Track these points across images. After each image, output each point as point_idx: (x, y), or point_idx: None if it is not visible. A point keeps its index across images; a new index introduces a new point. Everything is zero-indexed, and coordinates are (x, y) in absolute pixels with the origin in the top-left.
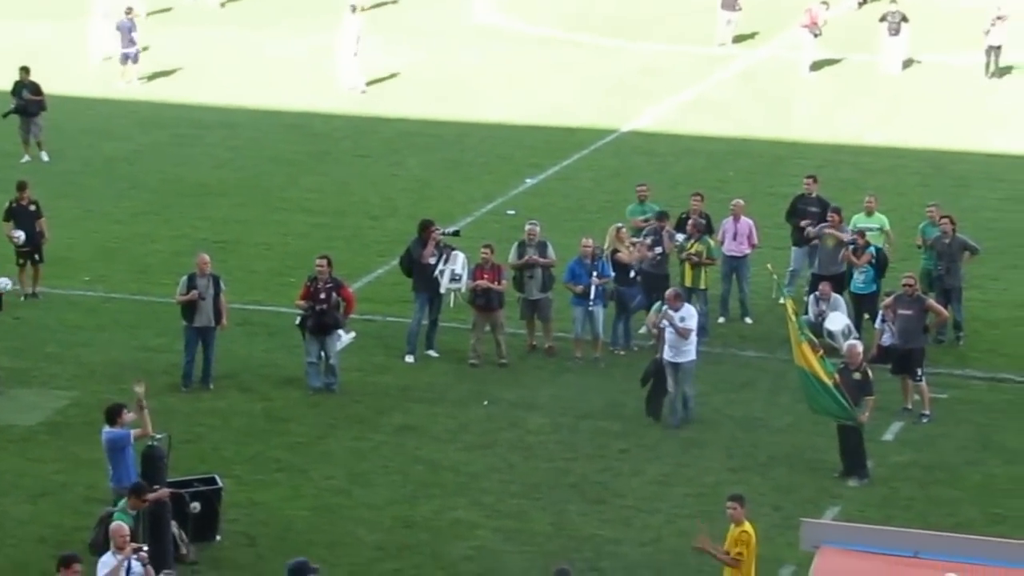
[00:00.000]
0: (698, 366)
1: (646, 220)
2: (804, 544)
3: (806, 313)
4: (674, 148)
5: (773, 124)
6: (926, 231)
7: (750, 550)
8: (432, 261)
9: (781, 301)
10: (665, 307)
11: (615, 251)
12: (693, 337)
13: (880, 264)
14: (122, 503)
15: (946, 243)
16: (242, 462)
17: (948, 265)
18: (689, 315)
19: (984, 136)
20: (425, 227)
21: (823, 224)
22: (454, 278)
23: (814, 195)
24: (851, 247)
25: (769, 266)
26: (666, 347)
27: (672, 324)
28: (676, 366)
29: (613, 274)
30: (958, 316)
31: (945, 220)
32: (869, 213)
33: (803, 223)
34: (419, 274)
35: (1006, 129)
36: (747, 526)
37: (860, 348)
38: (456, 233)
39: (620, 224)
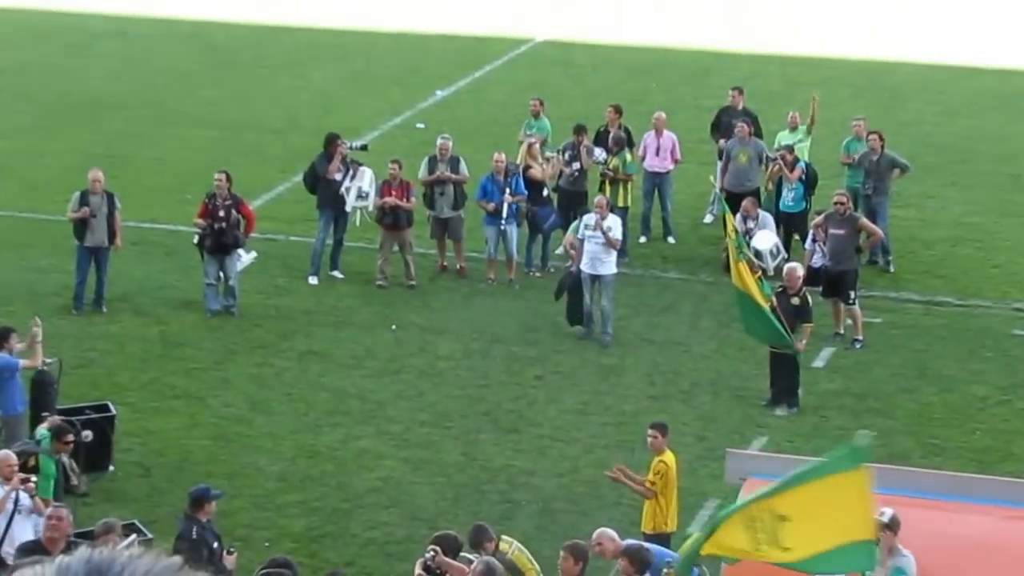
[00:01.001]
0: (618, 288)
1: (529, 134)
2: (729, 476)
3: None
4: (592, 59)
5: (697, 34)
6: (851, 146)
7: (666, 481)
8: (338, 177)
9: (707, 220)
10: (594, 215)
11: (527, 168)
12: (613, 251)
13: (810, 181)
14: (44, 443)
15: (874, 160)
16: (137, 389)
17: (876, 184)
18: (616, 225)
19: (921, 46)
20: (331, 141)
21: (730, 141)
22: (360, 195)
23: (740, 107)
24: (777, 163)
25: (712, 178)
26: (586, 258)
27: (603, 232)
28: (596, 278)
29: (527, 192)
30: (884, 240)
31: (874, 136)
32: (793, 129)
33: (721, 143)
34: (324, 191)
35: (944, 39)
36: (667, 456)
37: (800, 271)
38: (364, 148)
39: (532, 139)
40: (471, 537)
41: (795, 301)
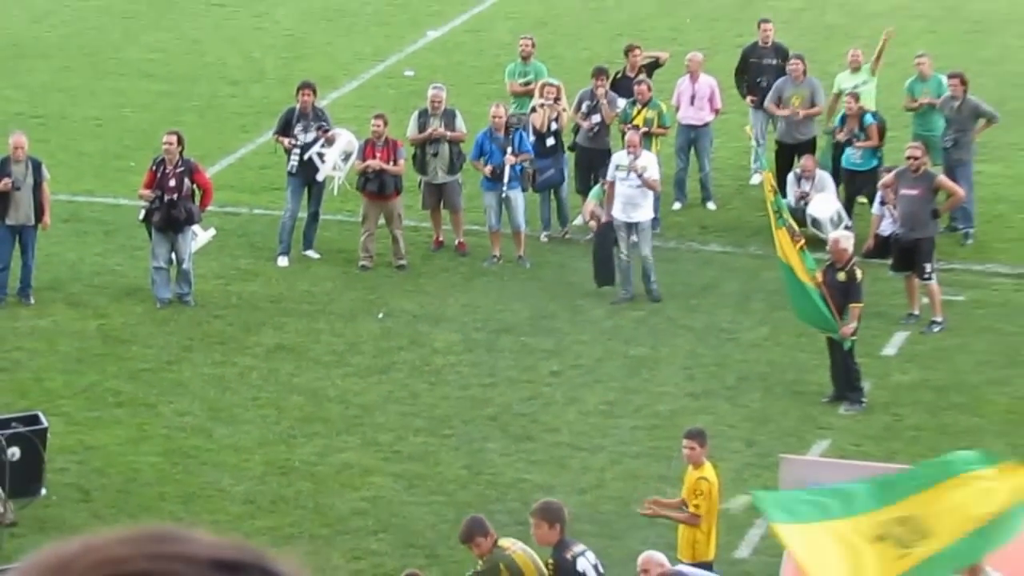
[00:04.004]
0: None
1: (526, 84)
2: (784, 488)
3: (784, 195)
4: None
5: None
6: (914, 88)
7: (711, 501)
8: (301, 139)
9: (754, 181)
10: (626, 154)
11: (533, 110)
12: (651, 192)
13: (880, 134)
14: None
15: (955, 107)
16: (72, 395)
17: (957, 135)
18: (652, 164)
19: None
20: (301, 90)
21: (781, 80)
22: (337, 167)
23: (770, 44)
24: (841, 121)
25: (747, 128)
26: (618, 204)
27: (638, 174)
28: (632, 226)
29: (531, 149)
30: (967, 203)
31: (955, 80)
32: (855, 69)
33: (750, 100)
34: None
35: None
36: (707, 470)
37: (847, 242)
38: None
39: (550, 80)
40: (462, 532)
41: (841, 277)
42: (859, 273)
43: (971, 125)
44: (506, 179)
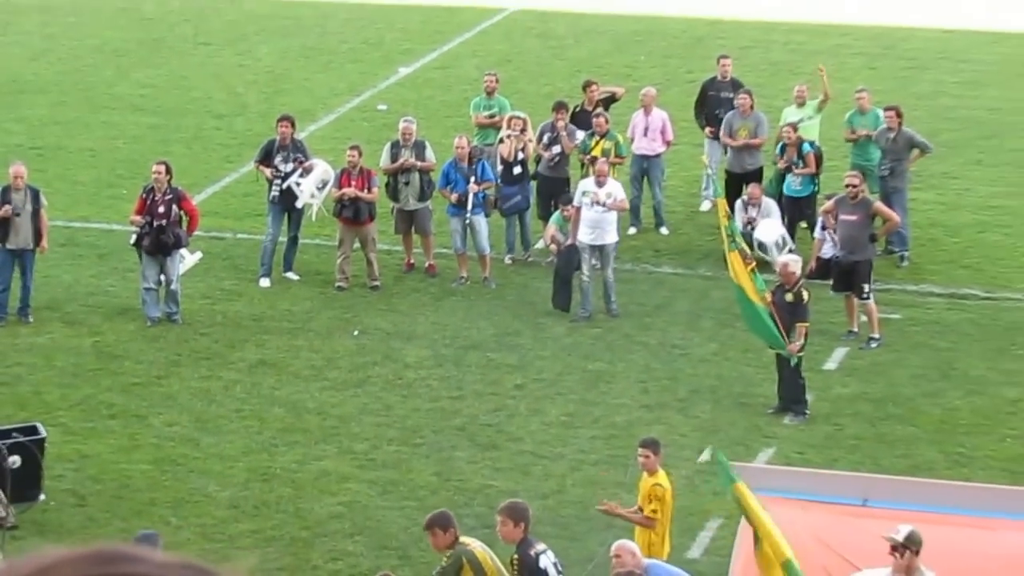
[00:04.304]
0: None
1: (490, 117)
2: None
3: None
4: (574, 29)
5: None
6: (854, 120)
7: (665, 505)
8: (282, 168)
9: (704, 208)
10: (590, 186)
11: (501, 141)
12: (615, 217)
13: (817, 162)
14: None
15: (891, 138)
16: (68, 407)
17: (893, 164)
18: (617, 190)
19: (941, 10)
20: (280, 121)
21: (730, 114)
22: (313, 195)
23: (728, 79)
24: (780, 150)
25: (703, 157)
26: (585, 228)
27: (600, 203)
28: (598, 249)
29: (495, 177)
30: (902, 228)
31: (891, 112)
32: (801, 104)
33: (709, 132)
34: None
35: (966, 1)
36: (662, 477)
37: (795, 266)
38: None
39: (516, 113)
40: (426, 520)
41: (788, 297)
42: (806, 294)
43: (906, 155)
44: (469, 206)
